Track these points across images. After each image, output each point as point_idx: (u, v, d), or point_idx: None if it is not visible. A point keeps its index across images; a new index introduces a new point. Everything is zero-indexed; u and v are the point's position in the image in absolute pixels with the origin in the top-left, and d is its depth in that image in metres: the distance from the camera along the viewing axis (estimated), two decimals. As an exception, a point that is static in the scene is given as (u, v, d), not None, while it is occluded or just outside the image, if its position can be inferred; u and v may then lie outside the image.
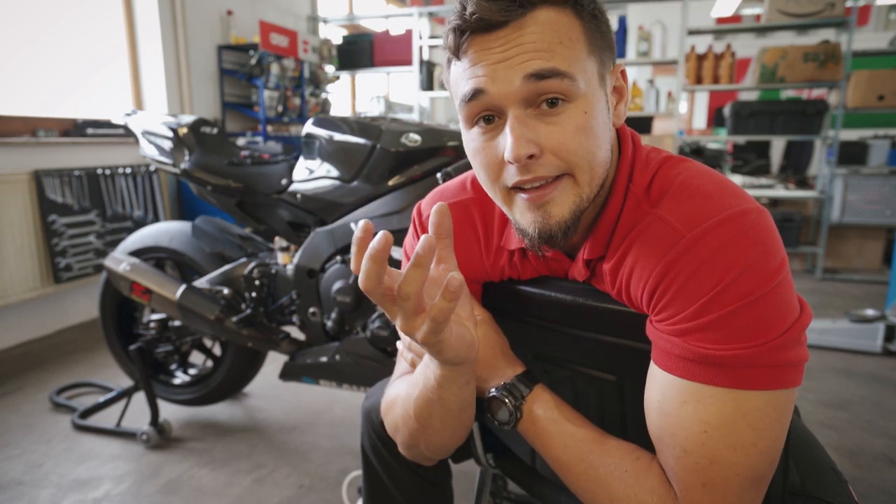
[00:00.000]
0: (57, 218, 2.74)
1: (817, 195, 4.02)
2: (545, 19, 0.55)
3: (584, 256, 0.66)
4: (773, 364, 0.53)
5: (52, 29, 3.00)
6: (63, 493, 1.56)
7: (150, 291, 1.70)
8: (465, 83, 0.57)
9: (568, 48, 0.55)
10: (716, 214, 0.55)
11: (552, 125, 0.56)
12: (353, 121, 1.55)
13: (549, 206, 0.59)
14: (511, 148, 0.55)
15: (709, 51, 4.06)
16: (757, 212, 0.56)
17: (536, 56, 0.54)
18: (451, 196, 0.77)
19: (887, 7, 6.73)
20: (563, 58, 0.55)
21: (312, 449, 1.77)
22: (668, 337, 0.56)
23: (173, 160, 1.77)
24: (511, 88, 0.55)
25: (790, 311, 0.54)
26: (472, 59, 0.56)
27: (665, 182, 0.61)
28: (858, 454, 1.74)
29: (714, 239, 0.54)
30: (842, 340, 2.60)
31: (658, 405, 0.57)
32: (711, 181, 0.59)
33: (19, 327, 2.71)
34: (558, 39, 0.55)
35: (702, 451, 0.54)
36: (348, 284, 1.51)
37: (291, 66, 4.27)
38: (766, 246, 0.54)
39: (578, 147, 0.57)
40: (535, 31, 0.54)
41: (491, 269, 0.76)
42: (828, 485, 0.62)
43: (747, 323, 0.53)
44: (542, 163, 0.57)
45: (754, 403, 0.53)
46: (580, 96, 0.56)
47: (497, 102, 0.56)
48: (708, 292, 0.53)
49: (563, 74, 0.55)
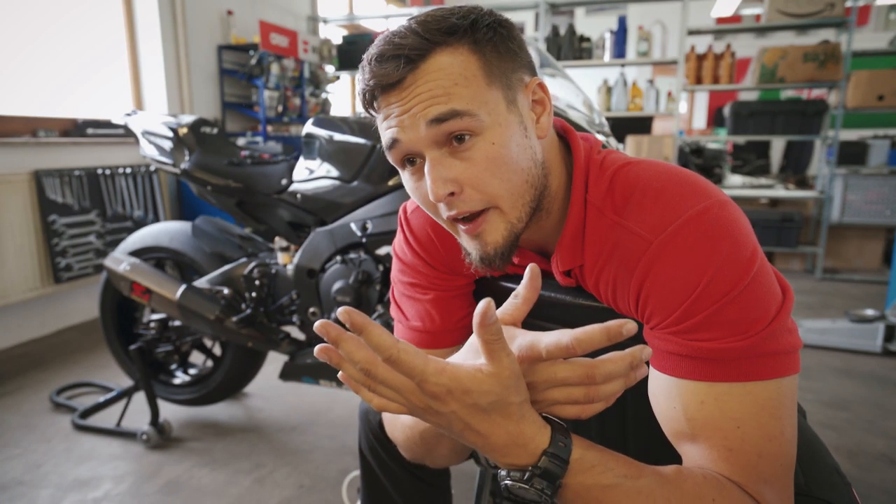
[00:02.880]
0: (57, 218, 2.74)
1: (817, 195, 4.02)
2: (436, 66, 0.57)
3: (559, 269, 0.68)
4: (772, 352, 0.54)
5: (52, 29, 3.00)
6: (63, 493, 1.56)
7: (150, 291, 1.70)
8: (384, 134, 0.62)
9: (464, 87, 0.57)
10: (678, 216, 0.56)
11: (465, 160, 0.59)
12: (353, 121, 1.55)
13: (484, 235, 0.63)
14: (431, 190, 0.59)
15: (709, 51, 4.06)
16: (719, 205, 0.56)
17: (433, 102, 0.57)
18: None
19: (887, 7, 6.72)
20: (459, 98, 0.57)
21: (312, 449, 1.77)
22: (665, 337, 0.57)
23: (173, 160, 1.77)
24: (419, 135, 0.58)
25: (774, 298, 0.55)
26: (383, 113, 0.61)
27: (626, 188, 0.62)
28: (858, 454, 1.74)
29: (682, 241, 0.55)
30: (842, 340, 2.60)
31: (678, 412, 0.57)
32: (672, 181, 0.60)
33: (19, 327, 2.71)
34: (453, 81, 0.57)
35: (745, 447, 0.54)
36: (348, 284, 1.51)
37: (291, 66, 4.27)
38: (735, 238, 0.55)
39: (492, 178, 0.60)
40: (430, 80, 0.57)
41: None
42: (832, 486, 0.62)
43: (736, 316, 0.54)
44: (464, 198, 0.60)
45: (766, 393, 0.54)
46: (486, 128, 0.59)
47: (412, 148, 0.60)
48: (690, 294, 0.54)
49: (463, 113, 0.57)
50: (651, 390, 0.61)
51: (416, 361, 0.47)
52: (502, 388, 0.49)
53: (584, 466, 0.52)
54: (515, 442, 0.50)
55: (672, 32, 4.17)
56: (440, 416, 0.50)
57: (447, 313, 0.78)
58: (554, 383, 0.51)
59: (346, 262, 1.54)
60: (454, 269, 0.77)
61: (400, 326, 0.80)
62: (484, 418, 0.50)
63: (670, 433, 0.60)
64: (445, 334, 0.78)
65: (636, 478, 0.52)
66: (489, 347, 0.48)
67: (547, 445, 0.51)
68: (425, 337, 0.78)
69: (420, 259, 0.78)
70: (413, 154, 0.61)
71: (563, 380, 0.51)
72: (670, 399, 0.58)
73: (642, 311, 0.59)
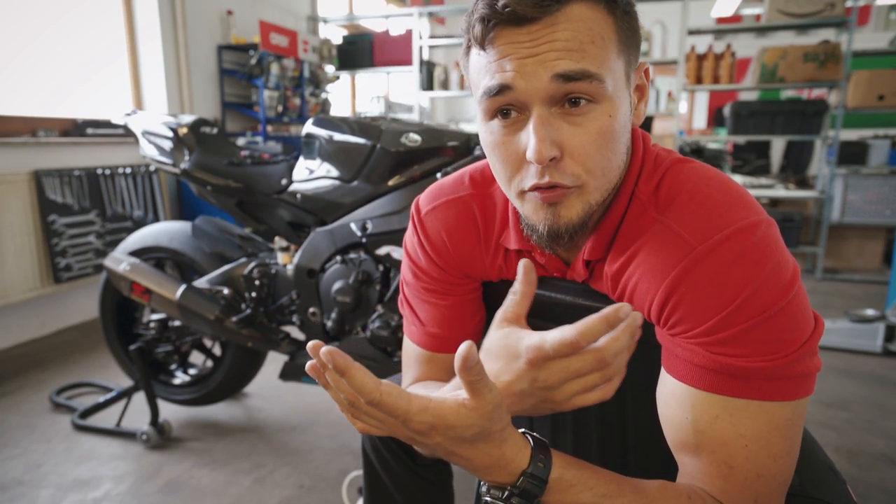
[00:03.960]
0: (57, 218, 2.74)
1: (817, 195, 4.02)
2: (578, 16, 0.52)
3: (584, 257, 0.65)
4: (796, 375, 0.53)
5: (52, 29, 3.00)
6: (63, 493, 1.56)
7: (150, 291, 1.70)
8: (490, 77, 0.55)
9: (599, 48, 0.53)
10: (726, 227, 0.54)
11: (576, 126, 0.55)
12: (353, 121, 1.55)
13: (560, 207, 0.58)
14: (534, 150, 0.53)
15: (709, 51, 4.06)
16: (767, 223, 0.55)
17: (567, 56, 0.52)
18: (449, 192, 0.77)
19: (887, 7, 6.72)
20: (593, 58, 0.53)
21: (312, 449, 1.77)
22: (689, 346, 0.56)
23: (173, 160, 1.77)
24: (539, 86, 0.53)
25: (807, 322, 0.55)
26: (499, 52, 0.54)
27: (674, 188, 0.60)
28: (858, 454, 1.74)
29: (727, 252, 0.53)
30: (842, 340, 2.60)
31: (689, 422, 0.56)
32: (721, 189, 0.58)
33: (19, 327, 2.71)
34: (590, 38, 0.52)
35: (747, 466, 0.54)
36: (348, 284, 1.51)
37: (291, 66, 4.27)
38: (779, 259, 0.54)
39: (597, 153, 0.55)
40: (568, 29, 0.52)
41: (490, 268, 0.76)
42: (827, 485, 0.62)
43: (768, 336, 0.53)
44: (561, 168, 0.55)
45: (783, 414, 0.54)
46: (606, 98, 0.55)
47: (522, 98, 0.54)
48: (725, 307, 0.53)
49: (593, 76, 0.53)
50: (662, 396, 0.60)
51: (399, 403, 0.49)
52: (485, 421, 0.50)
53: (563, 486, 0.53)
54: (497, 464, 0.52)
55: (672, 32, 4.17)
56: (425, 445, 0.53)
57: (463, 319, 0.78)
58: (569, 376, 0.51)
59: (346, 262, 1.54)
60: (466, 271, 0.76)
61: (414, 329, 0.79)
62: (468, 447, 0.52)
63: (673, 441, 0.59)
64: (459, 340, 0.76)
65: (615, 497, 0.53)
66: (472, 387, 0.49)
67: (526, 466, 0.52)
68: (440, 342, 0.77)
69: (434, 264, 0.76)
70: (518, 105, 0.55)
71: (577, 371, 0.51)
72: (682, 408, 0.57)
73: (669, 314, 0.57)
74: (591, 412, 0.69)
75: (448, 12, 4.84)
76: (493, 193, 0.74)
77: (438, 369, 0.78)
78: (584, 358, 0.50)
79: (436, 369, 0.78)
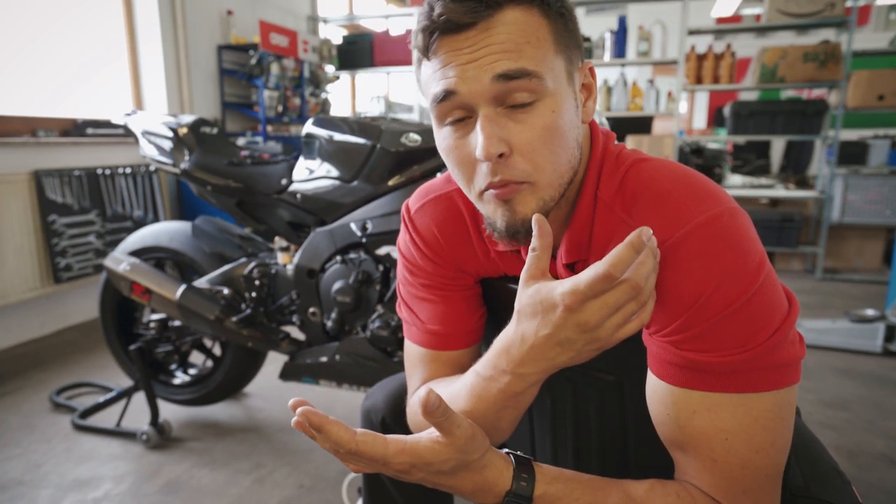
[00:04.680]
0: (57, 218, 2.74)
1: (817, 195, 4.02)
2: (512, 19, 0.55)
3: (563, 261, 0.66)
4: (772, 365, 0.53)
5: (52, 29, 3.00)
6: (63, 493, 1.56)
7: (150, 291, 1.70)
8: (436, 84, 0.58)
9: (535, 47, 0.55)
10: (686, 223, 0.55)
11: (521, 123, 0.56)
12: (353, 121, 1.55)
13: (514, 203, 0.59)
14: (482, 147, 0.55)
15: (709, 51, 4.06)
16: (729, 213, 0.55)
17: (504, 56, 0.54)
18: (437, 189, 0.77)
19: (887, 7, 6.72)
20: (530, 57, 0.55)
21: (312, 449, 1.77)
22: (662, 344, 0.57)
23: (173, 160, 1.77)
24: (481, 88, 0.55)
25: (777, 310, 0.54)
26: (442, 60, 0.57)
27: (637, 186, 0.60)
28: (858, 454, 1.74)
29: (687, 249, 0.54)
30: (842, 340, 2.60)
31: (671, 419, 0.57)
32: (681, 183, 0.58)
33: (19, 327, 2.71)
34: (525, 39, 0.55)
35: (730, 458, 0.54)
36: (348, 284, 1.51)
37: (291, 66, 4.27)
38: (742, 249, 0.53)
39: (543, 148, 0.57)
40: (503, 32, 0.54)
41: (483, 263, 0.76)
42: (832, 486, 0.62)
43: (735, 330, 0.53)
44: (510, 164, 0.57)
45: (762, 405, 0.54)
46: (548, 95, 0.57)
47: (468, 101, 0.56)
48: (690, 306, 0.53)
49: (532, 74, 0.55)
50: (648, 394, 0.61)
51: (375, 450, 0.53)
52: (460, 454, 0.54)
53: (548, 501, 0.56)
54: (481, 489, 0.56)
55: (672, 32, 4.16)
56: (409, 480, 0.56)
57: (462, 315, 0.77)
58: (609, 311, 0.52)
59: (346, 262, 1.54)
60: (460, 266, 0.76)
61: (415, 329, 0.79)
62: (449, 477, 0.56)
63: (663, 438, 0.60)
64: (462, 337, 0.77)
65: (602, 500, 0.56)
66: (441, 427, 0.52)
67: (509, 486, 0.56)
68: (442, 340, 0.77)
69: (428, 259, 0.77)
70: (465, 108, 0.58)
71: (616, 303, 0.51)
72: (665, 405, 0.58)
73: None
74: (591, 411, 0.69)
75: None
76: None
77: (444, 367, 0.77)
78: (619, 289, 0.51)
79: (441, 367, 0.77)
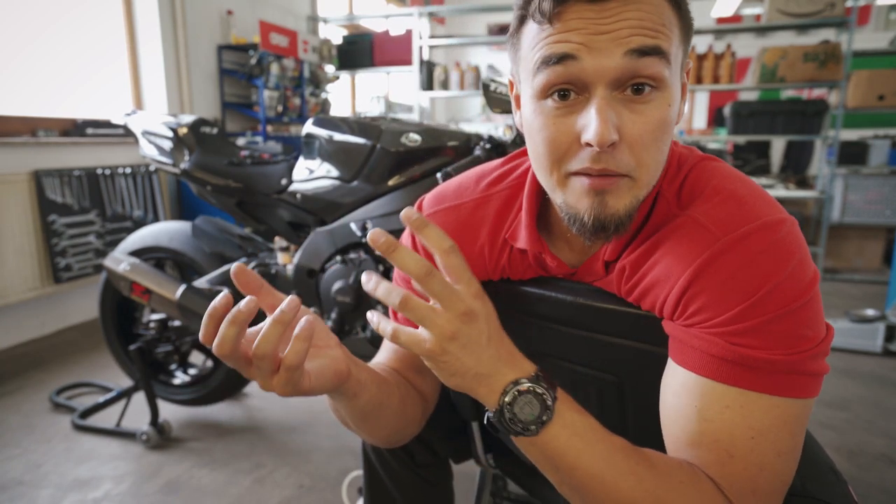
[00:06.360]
0: (57, 218, 2.74)
1: (817, 195, 4.02)
2: (651, 0, 0.52)
3: (604, 257, 0.64)
4: (811, 372, 0.54)
5: (52, 29, 3.00)
6: (63, 493, 1.56)
7: (150, 291, 1.70)
8: (549, 46, 0.52)
9: (668, 32, 0.53)
10: (752, 221, 0.55)
11: (636, 114, 0.53)
12: (353, 121, 1.55)
13: (608, 196, 0.55)
14: (597, 132, 0.50)
15: (709, 51, 4.06)
16: (791, 222, 0.56)
17: (642, 33, 0.51)
18: (451, 200, 0.75)
19: (887, 7, 6.72)
20: (665, 39, 0.52)
21: (312, 449, 1.77)
22: (707, 336, 0.55)
23: (173, 160, 1.77)
24: (608, 63, 0.51)
25: (822, 323, 0.56)
26: (565, 25, 0.51)
27: (697, 184, 0.60)
28: (858, 454, 1.74)
29: (753, 244, 0.54)
30: (842, 340, 2.60)
31: (696, 411, 0.56)
32: (746, 186, 0.59)
33: (19, 327, 2.71)
34: (662, 22, 0.52)
35: (750, 458, 0.54)
36: (348, 284, 1.51)
37: (291, 66, 4.27)
38: (802, 257, 0.54)
39: (652, 143, 0.54)
40: (644, 10, 0.51)
41: (492, 269, 0.75)
42: (828, 485, 0.62)
43: (788, 330, 0.53)
44: (616, 155, 0.53)
45: (793, 410, 0.54)
46: (668, 86, 0.53)
47: (586, 76, 0.52)
48: (748, 298, 0.53)
49: (665, 54, 0.52)
50: (669, 386, 0.59)
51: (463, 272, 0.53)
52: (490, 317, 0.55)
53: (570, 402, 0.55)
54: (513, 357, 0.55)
55: (672, 32, 4.16)
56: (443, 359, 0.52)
57: None
58: None
59: (346, 262, 1.54)
60: None
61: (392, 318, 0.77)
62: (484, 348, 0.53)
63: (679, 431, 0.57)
64: None
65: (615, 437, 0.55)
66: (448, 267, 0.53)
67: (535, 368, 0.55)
68: None
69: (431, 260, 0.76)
70: (577, 84, 0.52)
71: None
72: (692, 397, 0.56)
73: (688, 303, 0.56)
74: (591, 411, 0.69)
75: (448, 12, 4.85)
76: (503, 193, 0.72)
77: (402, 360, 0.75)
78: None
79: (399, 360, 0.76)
